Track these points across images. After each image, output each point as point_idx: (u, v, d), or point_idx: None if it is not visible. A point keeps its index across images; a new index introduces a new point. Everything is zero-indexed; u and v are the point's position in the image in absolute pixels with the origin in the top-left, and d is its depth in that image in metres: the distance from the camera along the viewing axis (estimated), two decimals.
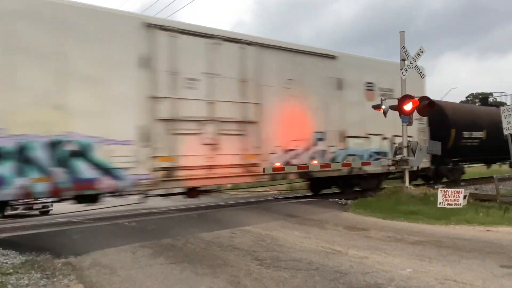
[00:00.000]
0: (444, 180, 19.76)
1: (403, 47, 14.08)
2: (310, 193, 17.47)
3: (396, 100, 13.89)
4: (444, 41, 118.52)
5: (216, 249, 7.71)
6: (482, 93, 56.86)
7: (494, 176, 13.47)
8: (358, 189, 15.98)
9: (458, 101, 43.09)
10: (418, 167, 15.60)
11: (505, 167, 25.17)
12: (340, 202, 13.70)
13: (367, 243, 8.09)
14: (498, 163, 25.27)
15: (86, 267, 6.71)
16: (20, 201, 15.74)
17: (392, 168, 14.78)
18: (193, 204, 15.06)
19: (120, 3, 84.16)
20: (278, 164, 13.46)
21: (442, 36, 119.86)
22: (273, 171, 13.29)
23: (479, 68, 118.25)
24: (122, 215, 12.63)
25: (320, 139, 14.49)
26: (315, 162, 14.00)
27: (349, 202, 13.48)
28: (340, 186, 16.47)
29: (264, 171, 12.95)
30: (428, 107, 13.71)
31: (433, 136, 17.74)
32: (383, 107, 13.74)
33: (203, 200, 15.22)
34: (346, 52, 18.95)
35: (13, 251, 7.55)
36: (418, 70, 13.98)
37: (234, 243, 8.08)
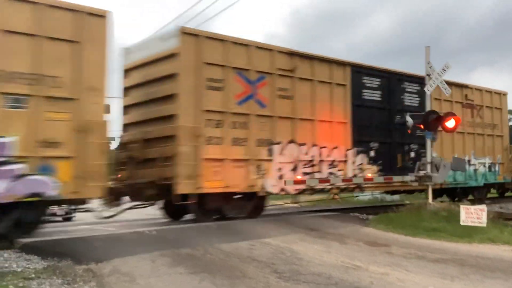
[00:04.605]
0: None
1: (428, 62, 13.97)
2: (330, 207, 17.37)
3: None
4: (477, 56, 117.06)
5: (235, 260, 7.71)
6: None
7: None
8: None
9: None
10: None
11: None
12: (361, 217, 13.57)
13: (388, 259, 7.99)
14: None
15: (106, 274, 6.77)
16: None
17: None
18: None
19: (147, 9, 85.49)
20: (299, 177, 13.43)
21: (475, 51, 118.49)
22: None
23: None
24: (144, 223, 12.73)
25: None
26: None
27: (370, 217, 13.34)
28: None
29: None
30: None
31: None
32: (408, 122, 13.67)
33: None
34: None
35: (36, 256, 7.66)
36: (443, 86, 13.85)
37: (253, 255, 8.07)
